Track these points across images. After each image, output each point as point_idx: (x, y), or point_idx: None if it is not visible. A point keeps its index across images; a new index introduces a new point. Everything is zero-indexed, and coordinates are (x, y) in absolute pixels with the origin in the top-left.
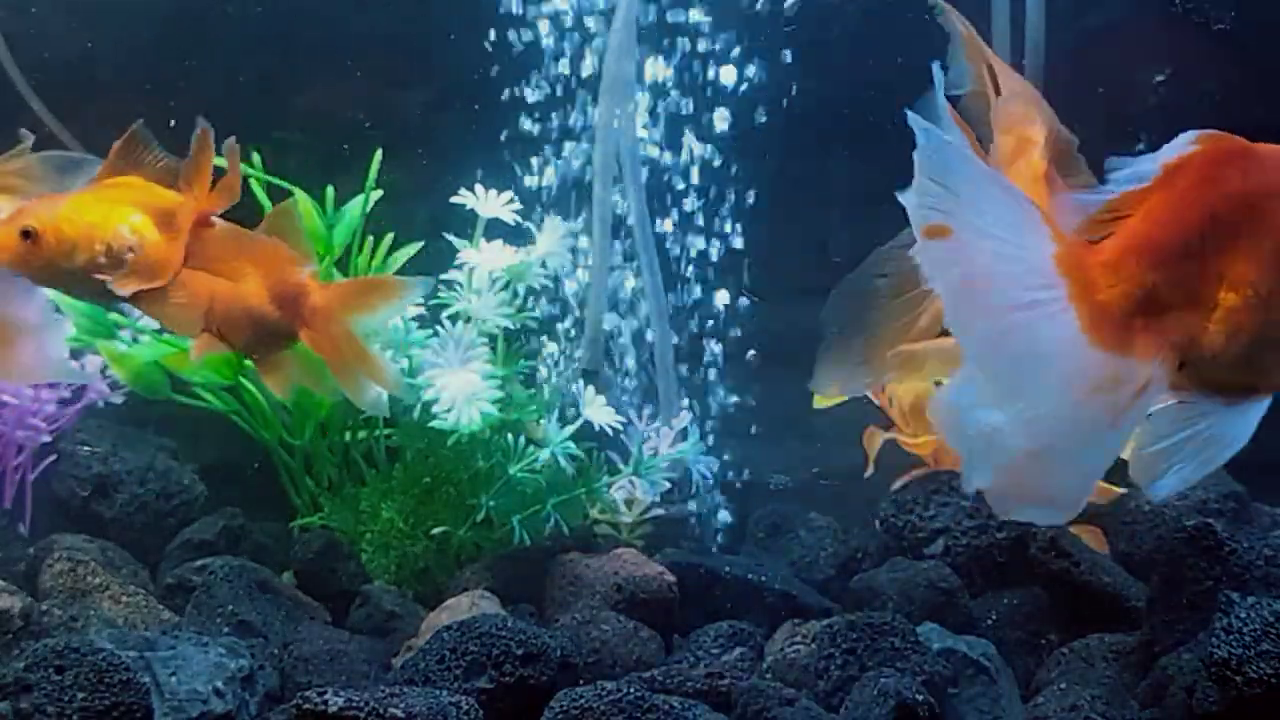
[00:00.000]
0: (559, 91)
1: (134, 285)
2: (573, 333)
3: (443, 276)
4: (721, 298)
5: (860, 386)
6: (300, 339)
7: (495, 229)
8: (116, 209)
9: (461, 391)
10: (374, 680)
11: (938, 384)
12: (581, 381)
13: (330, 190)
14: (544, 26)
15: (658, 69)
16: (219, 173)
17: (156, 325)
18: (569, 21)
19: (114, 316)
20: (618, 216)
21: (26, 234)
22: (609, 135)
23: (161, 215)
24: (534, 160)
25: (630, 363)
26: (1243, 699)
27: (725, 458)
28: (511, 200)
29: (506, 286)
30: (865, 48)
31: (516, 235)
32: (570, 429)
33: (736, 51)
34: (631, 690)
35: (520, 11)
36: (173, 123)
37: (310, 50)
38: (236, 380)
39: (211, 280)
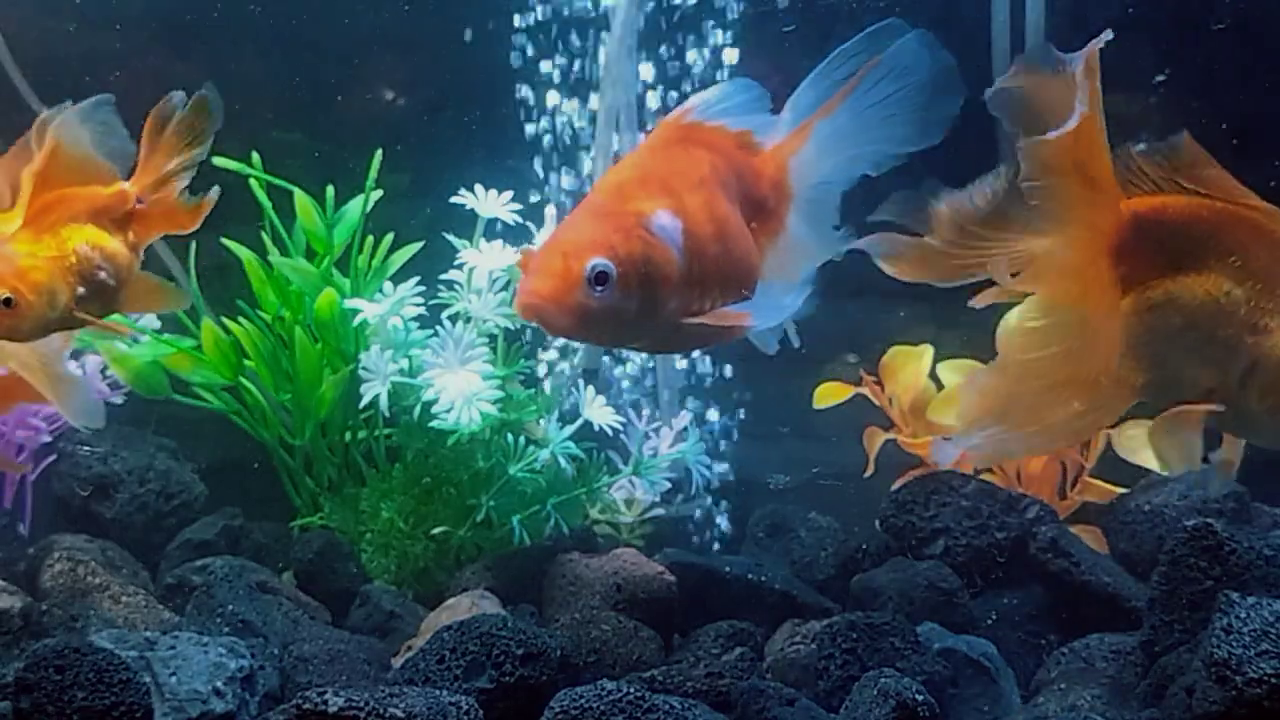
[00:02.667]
0: (559, 90)
1: (119, 297)
2: None
3: (442, 276)
4: None
5: None
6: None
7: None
8: (69, 232)
9: (461, 391)
10: (374, 680)
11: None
12: (581, 381)
13: (330, 190)
14: (545, 22)
15: (657, 63)
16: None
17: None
18: (568, 21)
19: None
20: None
21: (6, 302)
22: (608, 129)
23: (106, 213)
24: (535, 159)
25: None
26: (1243, 699)
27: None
28: (512, 200)
29: (506, 286)
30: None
31: (519, 235)
32: (570, 429)
33: (736, 48)
34: (631, 690)
35: (520, 11)
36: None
37: (311, 50)
38: (236, 380)
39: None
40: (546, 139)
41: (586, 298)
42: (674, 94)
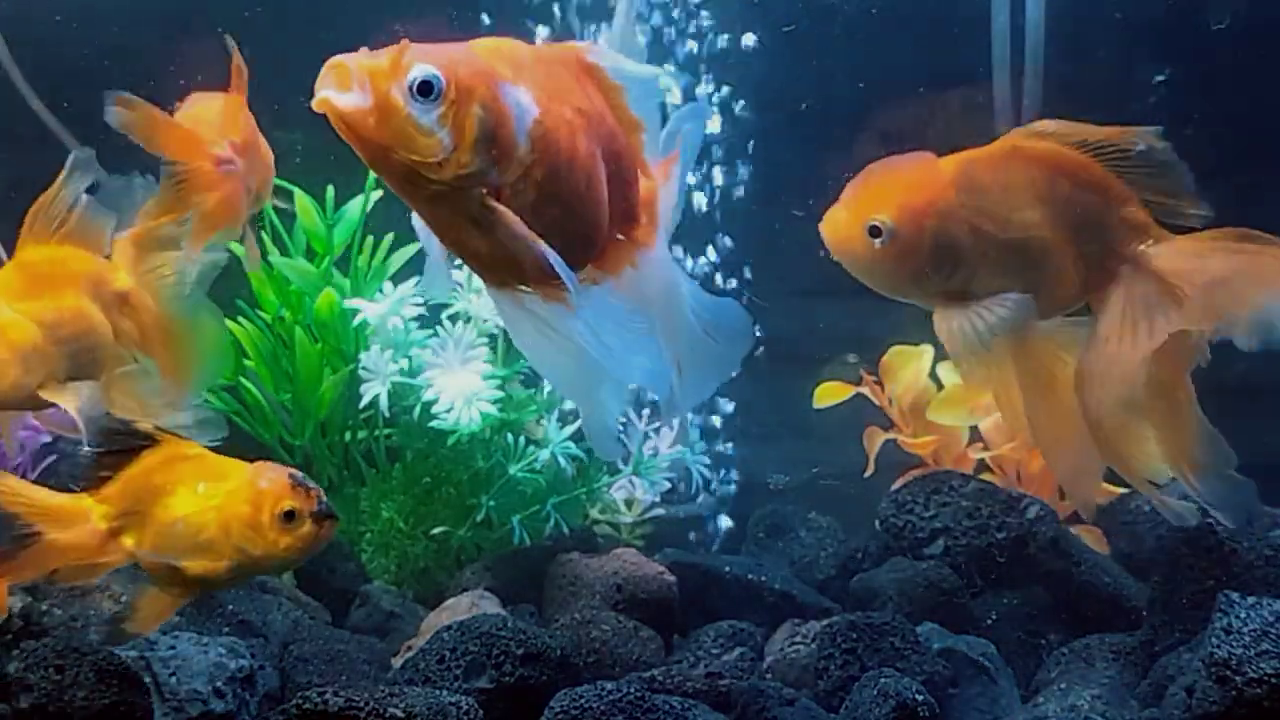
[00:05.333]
0: None
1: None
2: None
3: None
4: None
5: None
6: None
7: None
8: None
9: (461, 391)
10: (374, 680)
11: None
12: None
13: (330, 190)
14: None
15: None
16: None
17: None
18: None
19: None
20: None
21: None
22: None
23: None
24: None
25: None
26: (1243, 699)
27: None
28: None
29: None
30: (865, 48)
31: None
32: (570, 429)
33: (732, 51)
34: (631, 690)
35: (519, 10)
36: None
37: (310, 49)
38: (236, 380)
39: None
40: None
41: (402, 98)
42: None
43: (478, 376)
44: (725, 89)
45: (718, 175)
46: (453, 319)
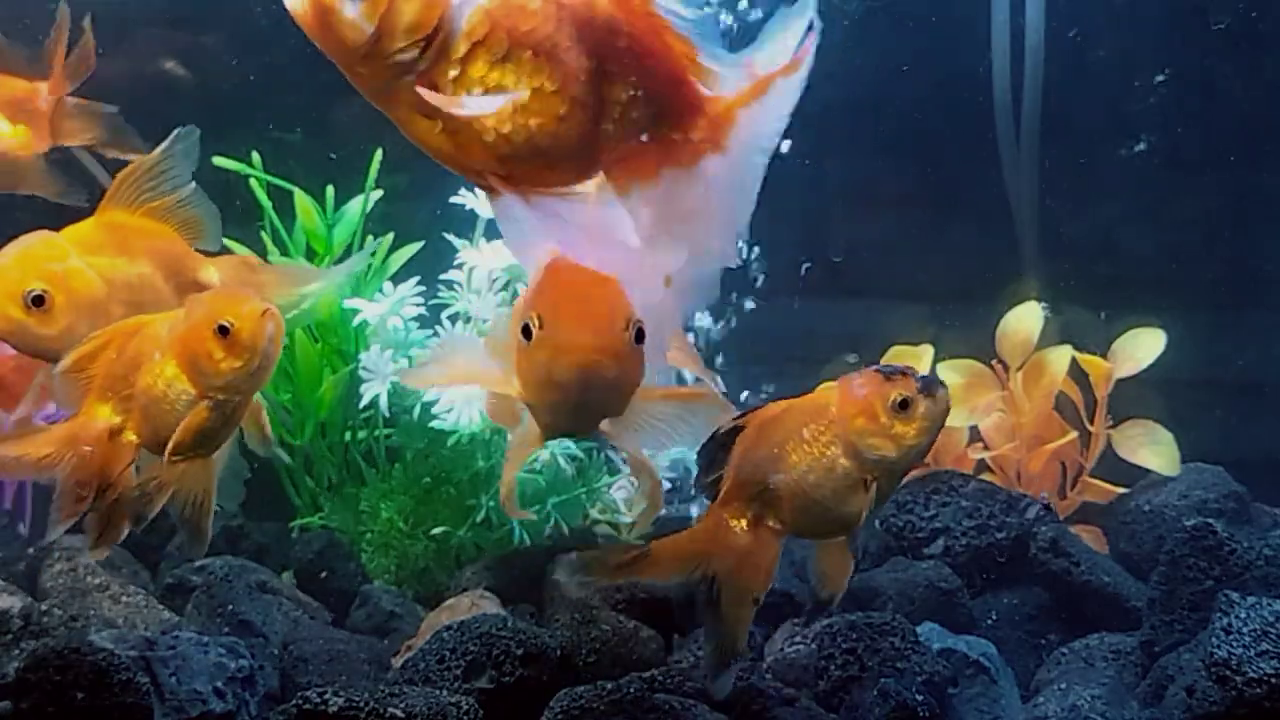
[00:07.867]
0: None
1: None
2: None
3: (442, 276)
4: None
5: None
6: None
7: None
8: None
9: (461, 391)
10: (374, 680)
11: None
12: None
13: (330, 190)
14: None
15: None
16: None
17: None
18: None
19: None
20: None
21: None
22: None
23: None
24: None
25: None
26: (1243, 699)
27: None
28: None
29: (506, 286)
30: (862, 50)
31: None
32: None
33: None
34: (631, 690)
35: None
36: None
37: (310, 50)
38: None
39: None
40: None
41: None
42: None
43: None
44: None
45: None
46: (453, 319)
